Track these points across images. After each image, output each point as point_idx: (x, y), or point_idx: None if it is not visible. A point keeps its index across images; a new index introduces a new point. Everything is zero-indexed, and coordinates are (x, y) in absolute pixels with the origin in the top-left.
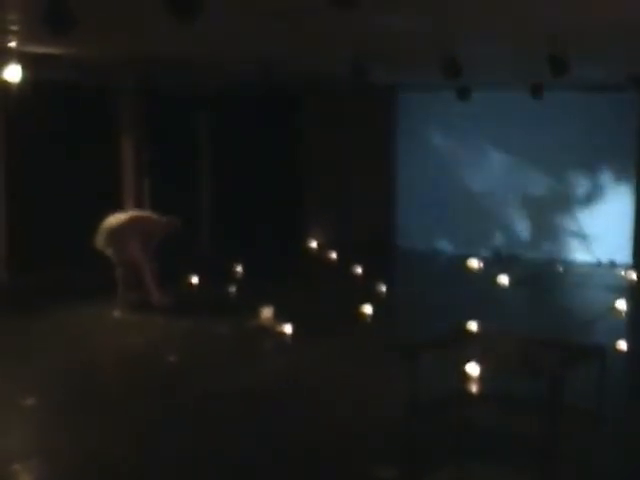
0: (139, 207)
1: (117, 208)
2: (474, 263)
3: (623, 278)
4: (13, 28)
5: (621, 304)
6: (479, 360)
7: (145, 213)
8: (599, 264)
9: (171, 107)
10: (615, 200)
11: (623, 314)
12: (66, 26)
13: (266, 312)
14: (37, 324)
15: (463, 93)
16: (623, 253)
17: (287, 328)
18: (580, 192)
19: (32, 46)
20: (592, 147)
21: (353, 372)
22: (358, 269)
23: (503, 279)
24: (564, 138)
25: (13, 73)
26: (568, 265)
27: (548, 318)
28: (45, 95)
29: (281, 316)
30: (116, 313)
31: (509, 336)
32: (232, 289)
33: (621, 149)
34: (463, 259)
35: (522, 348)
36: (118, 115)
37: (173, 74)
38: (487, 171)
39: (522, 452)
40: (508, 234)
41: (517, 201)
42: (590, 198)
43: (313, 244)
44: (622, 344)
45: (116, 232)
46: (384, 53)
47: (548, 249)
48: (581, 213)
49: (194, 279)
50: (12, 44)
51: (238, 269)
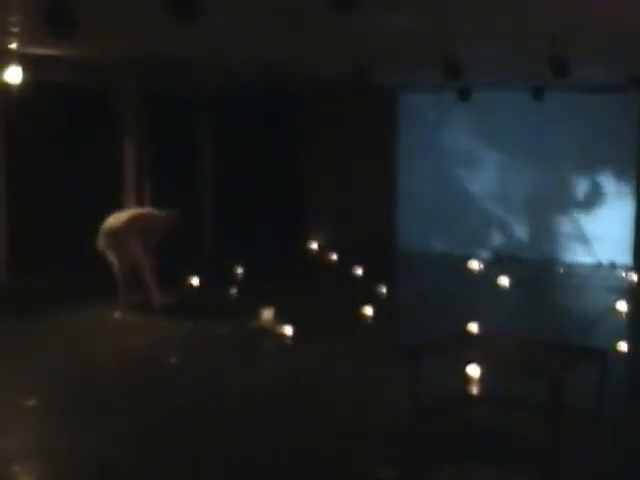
0: (139, 205)
1: (118, 209)
2: (474, 264)
3: (623, 279)
4: (14, 30)
5: (621, 305)
6: (479, 361)
7: (144, 209)
8: (599, 265)
9: (171, 108)
10: (616, 201)
11: (623, 315)
12: (67, 27)
13: (267, 313)
14: (38, 325)
15: (464, 94)
16: (623, 254)
17: (287, 329)
18: (580, 193)
19: (33, 48)
20: (593, 148)
21: (353, 373)
22: (358, 270)
23: (503, 280)
24: (564, 139)
25: (14, 75)
26: (568, 266)
27: (548, 319)
28: (46, 96)
29: (281, 317)
30: (117, 314)
31: (509, 337)
32: (233, 290)
33: (622, 150)
34: (463, 260)
35: (522, 349)
36: (119, 116)
37: (174, 75)
38: (487, 172)
39: (522, 453)
40: (508, 235)
41: (517, 202)
42: (591, 199)
43: (314, 245)
44: (623, 345)
45: (116, 233)
46: (384, 53)
47: (548, 250)
48: (581, 214)
49: (195, 280)
50: (13, 46)
51: (239, 270)
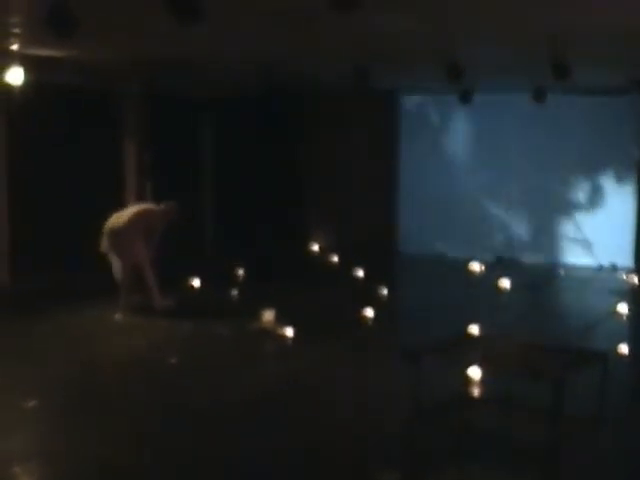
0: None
1: (119, 209)
2: (475, 266)
3: (624, 281)
4: (16, 31)
5: (622, 308)
6: (480, 363)
7: (144, 206)
8: (600, 268)
9: (172, 108)
10: (616, 203)
11: (624, 318)
12: (69, 28)
13: (267, 315)
14: (39, 326)
15: (465, 96)
16: (624, 256)
17: (288, 331)
18: (582, 195)
19: (34, 49)
20: (594, 150)
21: (354, 374)
22: (359, 272)
23: (504, 282)
24: (565, 141)
25: (16, 76)
26: (569, 268)
27: (549, 322)
28: (48, 97)
29: (282, 319)
30: (118, 315)
31: (510, 340)
32: (233, 291)
33: (623, 152)
34: (464, 262)
35: (523, 352)
36: (120, 117)
37: (174, 75)
38: (488, 174)
39: (523, 454)
40: (509, 237)
41: (518, 204)
42: (592, 201)
43: (315, 247)
44: (623, 348)
45: (120, 233)
46: (385, 54)
47: (549, 252)
48: (582, 216)
49: (196, 281)
50: (15, 47)
51: (240, 271)
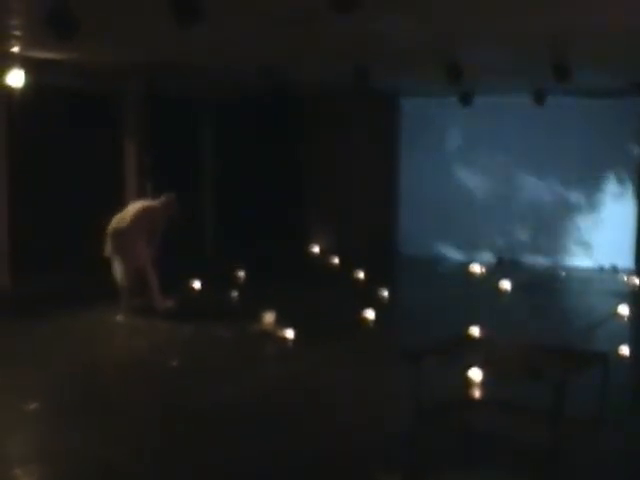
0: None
1: (119, 211)
2: (476, 268)
3: (625, 283)
4: (16, 33)
5: (623, 309)
6: (481, 365)
7: (144, 203)
8: (601, 269)
9: (172, 109)
10: (617, 205)
11: (625, 319)
12: (69, 30)
13: (268, 317)
14: (40, 329)
15: (465, 98)
16: (625, 258)
17: (289, 333)
18: (582, 197)
19: (35, 51)
20: (594, 152)
21: (354, 376)
22: (360, 273)
23: (505, 284)
24: (566, 143)
25: (16, 78)
26: (570, 270)
27: (550, 323)
28: (48, 99)
29: (283, 321)
30: (119, 318)
31: (511, 341)
32: (234, 293)
33: (623, 154)
34: (465, 264)
35: (524, 353)
36: (120, 117)
37: (174, 76)
38: (489, 176)
39: (523, 456)
40: (510, 239)
41: (519, 206)
42: (592, 203)
43: (315, 249)
44: (624, 349)
45: (122, 235)
46: (385, 55)
47: (550, 254)
48: (583, 218)
49: (196, 283)
50: (15, 49)
51: (240, 273)
